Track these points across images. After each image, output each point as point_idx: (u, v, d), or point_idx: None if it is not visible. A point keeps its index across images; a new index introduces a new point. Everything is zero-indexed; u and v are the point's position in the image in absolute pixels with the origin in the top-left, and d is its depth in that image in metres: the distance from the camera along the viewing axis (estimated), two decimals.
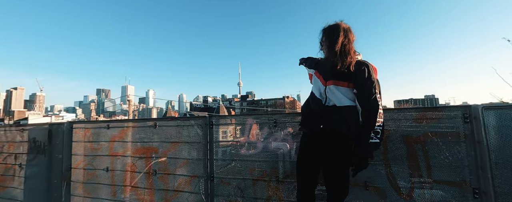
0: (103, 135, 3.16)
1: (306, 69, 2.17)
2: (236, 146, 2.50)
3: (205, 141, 2.56)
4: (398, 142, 1.96)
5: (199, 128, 2.61)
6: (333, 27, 1.86)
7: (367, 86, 1.69)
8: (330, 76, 1.81)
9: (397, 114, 1.98)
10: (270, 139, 2.34)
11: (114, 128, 3.09)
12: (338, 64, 1.77)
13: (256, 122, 2.42)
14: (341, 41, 1.80)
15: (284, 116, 2.35)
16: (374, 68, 1.79)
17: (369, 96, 1.67)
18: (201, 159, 2.57)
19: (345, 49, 1.79)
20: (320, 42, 1.99)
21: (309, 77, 2.13)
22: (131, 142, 2.95)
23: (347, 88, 1.76)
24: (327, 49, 1.88)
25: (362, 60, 1.81)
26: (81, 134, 3.32)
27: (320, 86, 1.87)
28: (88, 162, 3.22)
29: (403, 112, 1.98)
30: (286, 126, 2.31)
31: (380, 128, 1.64)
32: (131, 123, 3.01)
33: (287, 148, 2.27)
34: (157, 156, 2.80)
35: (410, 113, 1.95)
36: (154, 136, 2.84)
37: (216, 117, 2.56)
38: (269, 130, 2.36)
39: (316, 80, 1.94)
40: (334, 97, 1.77)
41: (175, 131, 2.75)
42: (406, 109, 1.97)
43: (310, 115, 1.94)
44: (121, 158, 2.99)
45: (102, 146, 3.14)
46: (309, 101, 1.98)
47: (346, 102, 1.74)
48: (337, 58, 1.78)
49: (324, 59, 1.98)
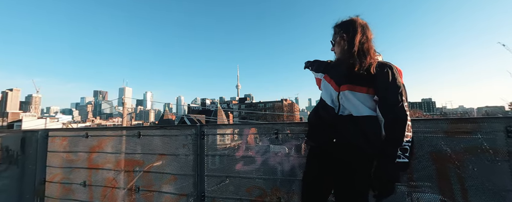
0: (82, 145, 2.79)
1: (313, 74, 1.89)
2: (231, 158, 2.15)
3: (195, 154, 2.21)
4: (425, 159, 1.63)
5: (189, 139, 2.26)
6: (348, 23, 1.55)
7: (392, 92, 1.37)
8: (344, 80, 1.50)
9: (423, 125, 1.65)
10: (271, 153, 2.00)
11: (94, 137, 2.73)
12: (356, 66, 1.46)
13: (254, 133, 2.08)
14: (359, 39, 1.49)
15: (288, 125, 2.01)
16: (399, 70, 1.47)
17: (395, 104, 1.35)
18: (191, 174, 2.21)
19: (363, 48, 1.49)
20: (331, 41, 1.67)
21: (317, 83, 1.83)
22: (112, 153, 2.59)
23: (366, 95, 1.44)
24: (341, 49, 1.57)
25: (384, 62, 1.50)
26: (57, 143, 2.95)
27: (332, 92, 1.55)
28: (65, 175, 2.84)
29: (431, 123, 1.65)
30: (290, 137, 1.97)
31: (408, 144, 1.31)
32: (111, 131, 2.65)
33: (290, 163, 1.92)
34: (140, 170, 2.44)
35: (439, 125, 1.62)
36: (138, 146, 2.49)
37: (208, 126, 2.22)
38: (269, 142, 2.02)
39: (326, 85, 1.63)
40: (349, 105, 1.46)
41: (161, 141, 2.39)
42: (435, 120, 1.64)
43: (319, 126, 1.61)
44: (101, 171, 2.63)
45: (80, 157, 2.77)
46: (318, 109, 1.66)
47: (365, 111, 1.42)
48: (354, 59, 1.47)
49: (336, 61, 1.66)
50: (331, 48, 1.69)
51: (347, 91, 1.46)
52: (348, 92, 1.46)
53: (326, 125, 1.54)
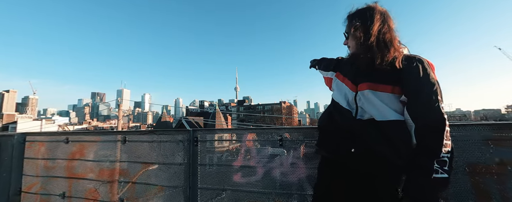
0: (61, 151, 2.50)
1: (321, 73, 1.65)
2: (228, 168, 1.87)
3: (187, 163, 1.93)
4: (461, 172, 1.37)
5: (180, 145, 1.98)
6: (365, 11, 1.30)
7: (425, 91, 1.11)
8: (363, 77, 1.24)
9: (457, 132, 1.39)
10: (274, 163, 1.72)
11: (74, 142, 2.44)
12: (377, 60, 1.20)
13: (255, 139, 1.81)
14: (378, 28, 1.24)
15: (293, 130, 1.74)
16: (431, 64, 1.20)
17: (429, 106, 1.09)
18: (182, 186, 1.93)
19: (385, 39, 1.23)
20: (344, 33, 1.41)
21: (326, 83, 1.59)
22: (94, 161, 2.30)
23: (390, 95, 1.18)
24: (357, 42, 1.31)
25: (412, 54, 1.24)
26: (35, 149, 2.65)
27: (348, 93, 1.29)
28: (42, 185, 2.54)
29: (467, 128, 1.39)
30: (297, 145, 1.70)
31: (448, 156, 1.05)
32: (94, 136, 2.35)
33: (297, 175, 1.65)
34: (125, 181, 2.15)
35: (479, 131, 1.36)
36: (123, 153, 2.20)
37: (202, 131, 1.94)
38: (272, 149, 1.75)
39: (339, 84, 1.37)
40: (370, 107, 1.20)
41: (149, 148, 2.11)
42: (473, 125, 1.38)
43: (333, 133, 1.35)
44: (81, 181, 2.33)
45: (59, 164, 2.48)
46: (330, 112, 1.40)
47: (390, 115, 1.16)
48: (374, 52, 1.21)
49: (350, 56, 1.41)
50: (344, 41, 1.43)
51: (367, 91, 1.21)
52: (369, 92, 1.20)
53: (342, 131, 1.28)
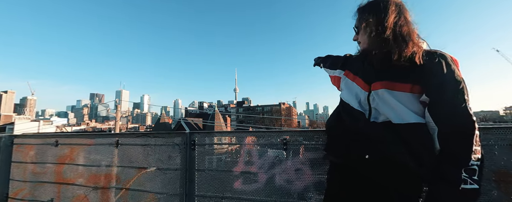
0: (51, 154, 2.35)
1: (327, 72, 1.52)
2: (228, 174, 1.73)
3: (184, 168, 1.78)
4: (486, 180, 1.23)
5: (176, 149, 1.84)
6: (378, 2, 1.16)
7: (449, 89, 0.98)
8: (377, 75, 1.11)
9: (484, 136, 1.25)
10: (278, 168, 1.58)
11: (64, 145, 2.29)
12: (394, 55, 1.06)
13: (257, 143, 1.67)
14: (394, 20, 1.10)
15: (298, 133, 1.60)
16: (455, 60, 1.06)
17: (454, 107, 0.96)
18: (177, 194, 1.78)
19: (403, 32, 1.09)
20: (354, 27, 1.28)
21: (333, 82, 1.47)
22: (84, 166, 2.15)
23: (409, 94, 1.05)
24: (369, 36, 1.18)
25: (433, 49, 1.10)
26: (23, 152, 2.50)
27: (359, 92, 1.16)
28: (30, 191, 2.39)
29: (493, 132, 1.25)
30: (303, 148, 1.56)
31: (477, 163, 0.92)
32: (85, 139, 2.21)
33: (304, 182, 1.51)
34: (117, 187, 2.00)
35: (505, 134, 1.22)
36: (115, 157, 2.05)
37: (200, 133, 1.80)
38: (276, 154, 1.61)
39: (349, 83, 1.24)
40: (386, 108, 1.07)
41: (143, 151, 1.96)
42: (498, 128, 1.24)
43: (343, 136, 1.21)
44: (71, 187, 2.18)
45: (48, 169, 2.33)
46: (338, 113, 1.26)
47: (410, 117, 1.02)
48: (391, 47, 1.08)
49: (361, 52, 1.27)
50: (354, 37, 1.30)
51: (382, 91, 1.07)
52: (384, 92, 1.07)
53: (353, 135, 1.15)
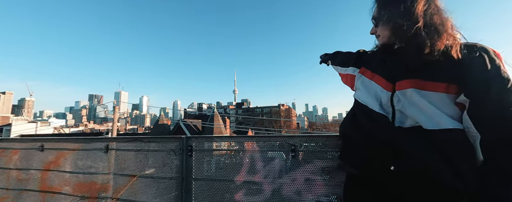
0: (36, 160, 2.16)
1: (336, 70, 1.36)
2: (229, 184, 1.55)
3: (180, 177, 1.61)
4: None
5: (172, 155, 1.66)
6: None
7: (495, 89, 0.82)
8: (403, 73, 0.95)
9: None
10: (286, 179, 1.41)
11: (51, 150, 2.11)
12: (425, 49, 0.90)
13: (262, 149, 1.50)
14: (423, 8, 0.94)
15: (308, 139, 1.43)
16: (498, 55, 0.90)
17: (502, 109, 0.80)
18: None
19: (434, 22, 0.93)
20: (372, 19, 1.11)
21: (344, 80, 1.31)
22: (72, 173, 1.97)
23: (443, 95, 0.88)
24: (392, 27, 1.02)
25: (471, 42, 0.94)
26: (7, 157, 2.32)
27: (380, 93, 1.00)
28: (13, 200, 2.20)
29: None
30: (315, 156, 1.39)
31: None
32: (73, 143, 2.03)
33: (316, 194, 1.34)
34: (106, 196, 1.82)
35: None
36: (105, 164, 1.87)
37: (198, 138, 1.63)
38: (283, 162, 1.44)
39: (366, 82, 1.08)
40: (415, 112, 0.90)
41: (135, 158, 1.79)
42: None
43: (361, 143, 1.04)
44: (57, 196, 1.99)
45: (33, 176, 2.14)
46: (354, 116, 1.09)
47: (445, 122, 0.86)
48: (422, 39, 0.92)
49: (381, 47, 1.10)
50: (372, 29, 1.13)
51: (410, 91, 0.91)
52: (413, 92, 0.90)
53: (374, 141, 0.98)
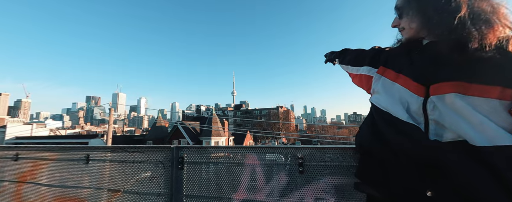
0: (9, 170, 1.93)
1: (346, 69, 1.16)
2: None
3: (169, 193, 1.39)
4: None
5: (160, 168, 1.44)
6: None
7: None
8: (442, 73, 0.75)
9: None
10: (292, 197, 1.19)
11: (26, 160, 1.88)
12: (473, 43, 0.71)
13: (263, 163, 1.28)
14: None
15: (318, 151, 1.21)
16: None
17: None
18: None
19: (482, 8, 0.74)
20: (396, 7, 0.91)
21: (358, 81, 1.12)
22: (47, 186, 1.74)
23: (496, 102, 0.68)
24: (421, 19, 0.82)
25: None
26: None
27: (408, 97, 0.80)
28: None
29: None
30: (326, 172, 1.18)
31: None
32: (50, 153, 1.80)
33: None
34: None
35: None
36: (84, 176, 1.65)
37: (190, 149, 1.41)
38: (288, 178, 1.22)
39: (388, 85, 0.88)
40: (458, 122, 0.70)
41: (118, 170, 1.56)
42: None
43: (385, 160, 0.83)
44: None
45: (6, 188, 1.91)
46: (374, 125, 0.89)
47: (501, 137, 0.66)
48: (468, 31, 0.72)
49: (406, 42, 0.91)
50: (394, 21, 0.93)
51: (451, 96, 0.70)
52: (454, 97, 0.70)
53: (405, 159, 0.77)
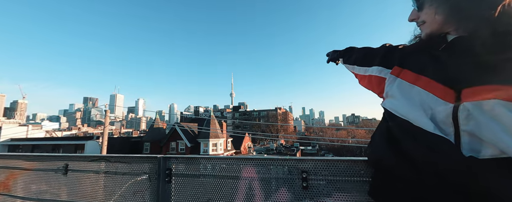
0: None
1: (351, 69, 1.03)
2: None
3: None
4: None
5: (145, 181, 1.28)
6: None
7: None
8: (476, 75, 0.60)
9: None
10: None
11: (1, 169, 1.70)
12: None
13: (262, 177, 1.13)
14: None
15: (324, 163, 1.06)
16: None
17: None
18: None
19: None
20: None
21: (367, 83, 0.96)
22: (23, 199, 1.57)
23: None
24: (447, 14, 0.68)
25: None
26: None
27: (433, 104, 0.64)
28: None
29: None
30: (333, 187, 1.02)
31: None
32: (27, 161, 1.62)
33: None
34: None
35: None
36: (63, 188, 1.48)
37: (178, 159, 1.25)
38: (291, 195, 1.07)
39: (407, 88, 0.73)
40: (501, 135, 0.54)
41: (99, 182, 1.40)
42: None
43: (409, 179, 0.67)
44: None
45: None
46: (390, 136, 0.73)
47: None
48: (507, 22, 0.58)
49: (428, 37, 0.76)
50: (411, 15, 0.78)
51: (492, 103, 0.55)
52: (496, 105, 0.54)
53: (435, 179, 0.61)
